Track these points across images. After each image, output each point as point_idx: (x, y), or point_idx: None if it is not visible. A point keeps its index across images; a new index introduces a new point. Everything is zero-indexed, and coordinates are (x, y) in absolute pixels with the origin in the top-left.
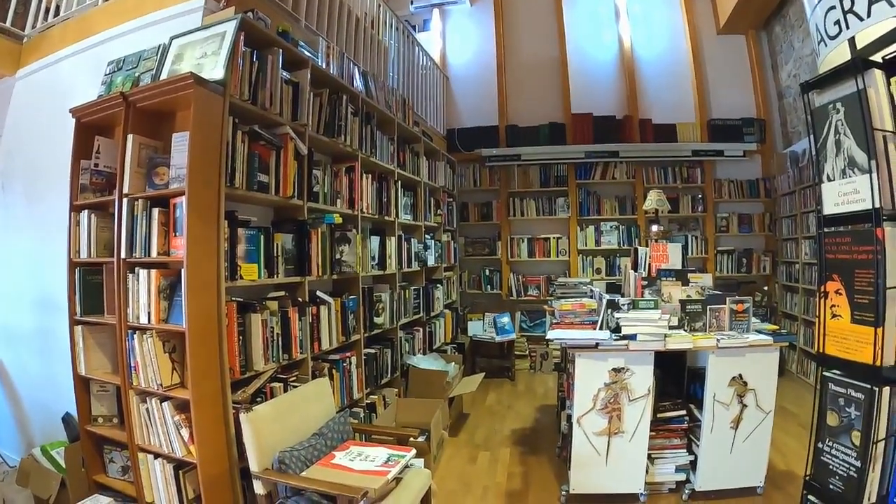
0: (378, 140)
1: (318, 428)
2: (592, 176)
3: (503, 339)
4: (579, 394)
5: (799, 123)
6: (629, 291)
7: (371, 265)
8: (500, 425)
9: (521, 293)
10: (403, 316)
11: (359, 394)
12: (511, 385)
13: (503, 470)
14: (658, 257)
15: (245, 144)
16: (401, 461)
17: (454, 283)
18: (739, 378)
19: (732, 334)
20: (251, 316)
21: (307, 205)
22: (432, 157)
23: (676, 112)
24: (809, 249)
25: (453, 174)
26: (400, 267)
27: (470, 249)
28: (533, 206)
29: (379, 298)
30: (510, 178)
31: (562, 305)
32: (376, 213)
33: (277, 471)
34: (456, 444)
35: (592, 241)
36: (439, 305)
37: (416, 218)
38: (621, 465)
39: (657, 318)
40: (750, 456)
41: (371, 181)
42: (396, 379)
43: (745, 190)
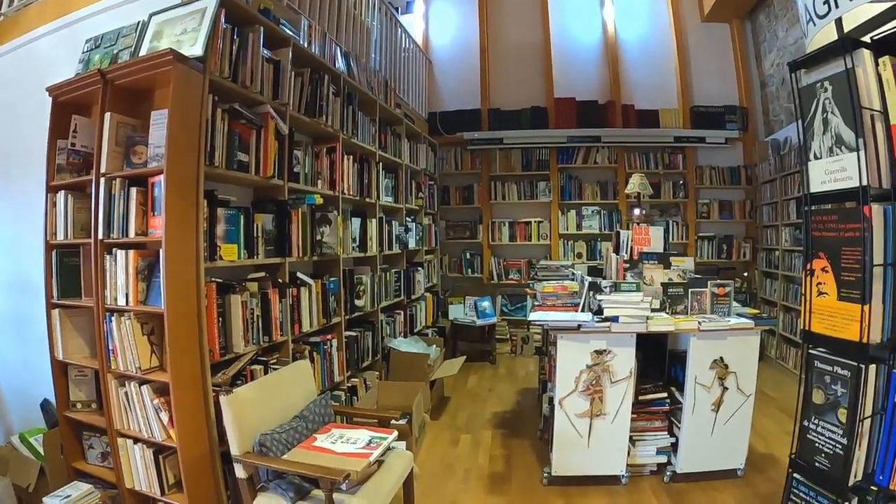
0: (359, 121)
1: (300, 411)
2: (574, 160)
3: (484, 322)
4: (561, 376)
5: (781, 112)
6: (611, 274)
7: (352, 247)
8: (481, 408)
9: (503, 277)
10: (384, 299)
11: (340, 377)
12: (492, 368)
13: (485, 453)
14: (640, 240)
15: (225, 123)
16: (382, 443)
17: (435, 266)
18: (720, 361)
19: (714, 317)
20: (231, 297)
21: (288, 185)
22: (414, 139)
23: (659, 98)
24: (790, 236)
25: (435, 157)
26: (381, 249)
27: (451, 233)
28: (514, 189)
29: (360, 281)
30: (492, 161)
31: (544, 287)
32: (357, 194)
33: (258, 454)
34: (437, 427)
35: (574, 226)
36: (420, 289)
37: (398, 200)
38: (603, 448)
39: (639, 301)
40: (731, 438)
41: (352, 162)
42: (378, 362)
43: (726, 177)
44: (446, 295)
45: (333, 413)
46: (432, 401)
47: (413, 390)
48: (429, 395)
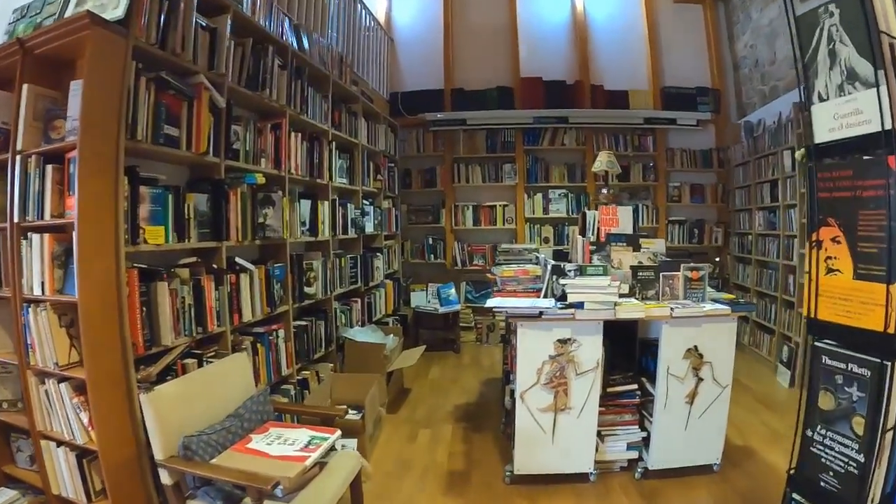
0: (310, 97)
1: (235, 408)
2: (541, 142)
3: (447, 310)
4: (522, 367)
5: (755, 94)
6: (577, 258)
7: (301, 231)
8: (442, 400)
9: (466, 263)
10: (339, 286)
11: (288, 369)
12: (456, 358)
13: (444, 449)
14: (608, 221)
15: (151, 93)
16: (322, 445)
17: (396, 252)
18: (695, 350)
19: (687, 303)
20: (157, 284)
21: (225, 163)
22: (372, 119)
23: (629, 79)
24: (763, 220)
25: (395, 138)
26: (334, 233)
27: (413, 217)
28: (479, 172)
29: (310, 267)
30: (455, 143)
31: (503, 272)
32: (307, 174)
33: (183, 458)
34: (395, 422)
35: (540, 209)
36: (379, 275)
37: (353, 182)
38: (569, 444)
39: (606, 286)
40: (706, 433)
41: (301, 140)
42: (332, 353)
43: (697, 159)
44: (408, 282)
45: (273, 410)
46: (390, 393)
47: (368, 383)
48: (385, 387)
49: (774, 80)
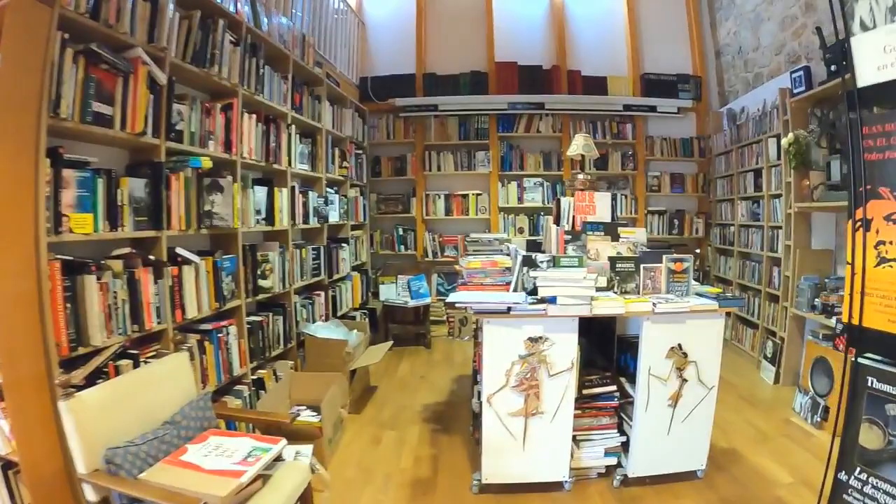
0: (266, 77)
1: (171, 415)
2: (516, 129)
3: (418, 303)
4: (489, 368)
5: (737, 82)
6: (550, 248)
7: (255, 219)
8: (410, 399)
9: (438, 254)
10: (299, 278)
11: (242, 369)
12: (427, 353)
13: (410, 453)
14: (584, 208)
15: (79, 67)
16: (263, 456)
17: (364, 242)
18: (678, 349)
19: (670, 297)
20: (84, 278)
21: (166, 145)
22: (338, 103)
23: (608, 64)
24: (746, 211)
25: (364, 124)
26: (293, 222)
27: (382, 207)
28: (451, 160)
29: (265, 258)
30: (426, 130)
31: (469, 263)
32: (262, 159)
33: (107, 472)
34: (359, 423)
35: (515, 199)
36: (345, 267)
37: (315, 169)
38: (541, 451)
39: (581, 278)
40: (690, 437)
41: (255, 122)
42: (292, 350)
43: (678, 148)
44: (377, 274)
45: (215, 416)
46: (355, 392)
47: (327, 382)
48: (347, 386)
49: (758, 66)
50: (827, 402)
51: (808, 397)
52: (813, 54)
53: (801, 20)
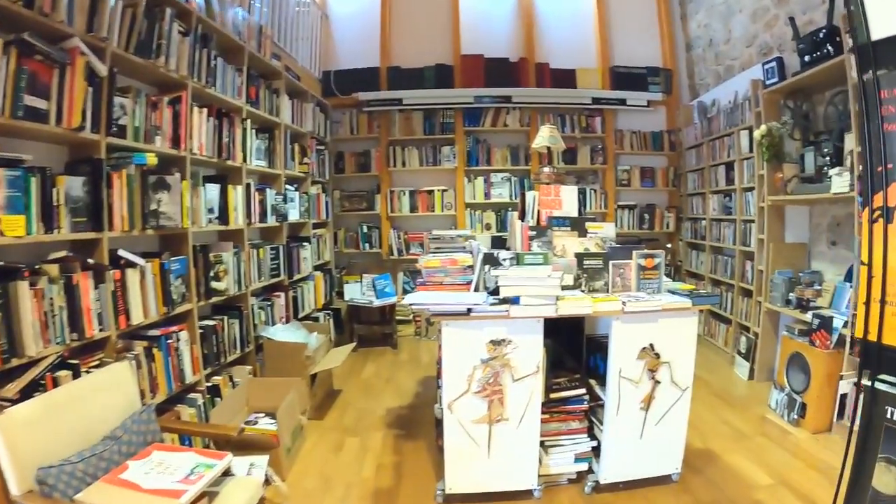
0: (219, 69)
1: (112, 430)
2: (482, 123)
3: (383, 302)
4: (449, 373)
5: (708, 75)
6: (515, 245)
7: (207, 218)
8: (374, 403)
9: (403, 251)
10: (257, 279)
11: (195, 376)
12: (393, 354)
13: (372, 461)
14: (549, 203)
15: (10, 58)
16: (207, 473)
17: (327, 241)
18: (650, 349)
19: (641, 296)
20: (17, 284)
21: (107, 140)
22: (298, 97)
23: (577, 57)
24: (718, 205)
25: (326, 119)
26: (249, 221)
27: (346, 204)
28: (416, 155)
29: (219, 259)
30: (391, 124)
31: (427, 261)
32: (214, 155)
33: (41, 494)
34: (320, 430)
35: (481, 194)
36: (307, 267)
37: (273, 165)
38: (507, 458)
39: (546, 276)
40: (664, 441)
41: (206, 117)
42: (250, 355)
43: (648, 142)
44: (341, 273)
45: (160, 430)
46: (317, 396)
47: (285, 388)
48: (307, 391)
49: (729, 59)
50: (804, 399)
51: (783, 394)
52: (785, 46)
53: (773, 11)
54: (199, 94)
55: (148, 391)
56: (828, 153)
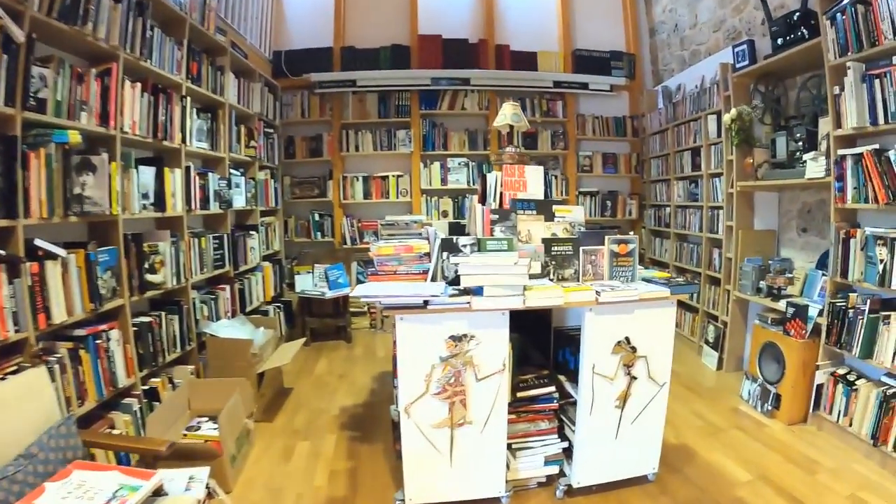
0: (156, 41)
1: (26, 447)
2: (439, 106)
3: (336, 293)
4: (405, 374)
5: (672, 60)
6: (475, 230)
7: (141, 204)
8: (328, 402)
9: (357, 240)
10: (198, 271)
11: (129, 379)
12: (347, 348)
13: (325, 468)
14: (513, 184)
15: None
16: (130, 497)
17: (276, 230)
18: (626, 342)
19: (616, 285)
20: None
21: (22, 115)
22: (246, 76)
23: (538, 39)
24: (683, 191)
25: (275, 101)
26: (189, 208)
27: (297, 191)
28: (370, 139)
29: (154, 249)
30: (344, 107)
31: (379, 249)
32: (149, 134)
33: None
34: (269, 434)
35: (438, 180)
36: (254, 257)
37: (217, 147)
38: (472, 464)
39: (513, 264)
40: (640, 440)
41: (140, 92)
42: (192, 353)
43: (610, 127)
44: (292, 263)
45: (82, 445)
46: (265, 397)
47: (229, 389)
48: (253, 392)
49: (695, 44)
50: (778, 390)
51: (756, 385)
52: (755, 30)
53: None
54: (132, 68)
55: (74, 398)
56: (801, 138)
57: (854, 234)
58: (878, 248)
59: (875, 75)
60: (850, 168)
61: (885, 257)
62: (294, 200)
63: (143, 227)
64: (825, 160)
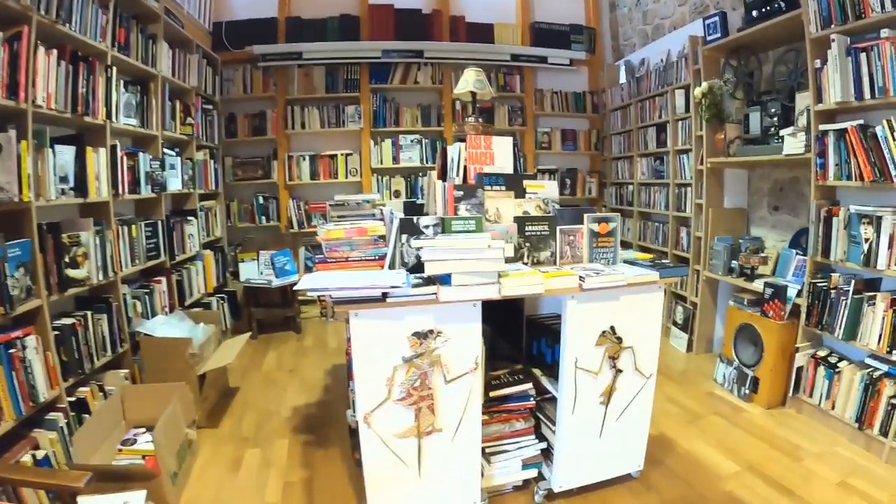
0: (77, 3)
1: None
2: (391, 80)
3: (283, 282)
4: (363, 378)
5: (634, 35)
6: (436, 209)
7: (59, 189)
8: (277, 402)
9: (304, 224)
10: (129, 263)
11: (52, 391)
12: (297, 340)
13: (277, 479)
14: (478, 156)
15: None
16: None
17: (218, 214)
18: (611, 332)
19: (600, 268)
20: None
21: None
22: (181, 47)
23: (495, 11)
24: (647, 168)
25: (215, 75)
26: (116, 192)
27: (239, 172)
28: (317, 116)
29: (75, 240)
30: (289, 82)
31: (328, 232)
32: (67, 109)
33: None
34: (215, 441)
35: (389, 158)
36: (194, 245)
37: (148, 125)
38: (443, 475)
39: (485, 247)
40: (626, 437)
41: (57, 60)
42: (126, 356)
43: (570, 103)
44: (236, 251)
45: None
46: (209, 400)
47: (166, 396)
48: (192, 396)
49: (659, 18)
50: (756, 373)
51: (732, 368)
52: (723, 3)
53: None
54: (46, 32)
55: None
56: (775, 113)
57: (836, 212)
58: (864, 227)
59: (861, 49)
60: (832, 144)
61: (871, 236)
62: (236, 182)
63: (63, 216)
64: (805, 136)
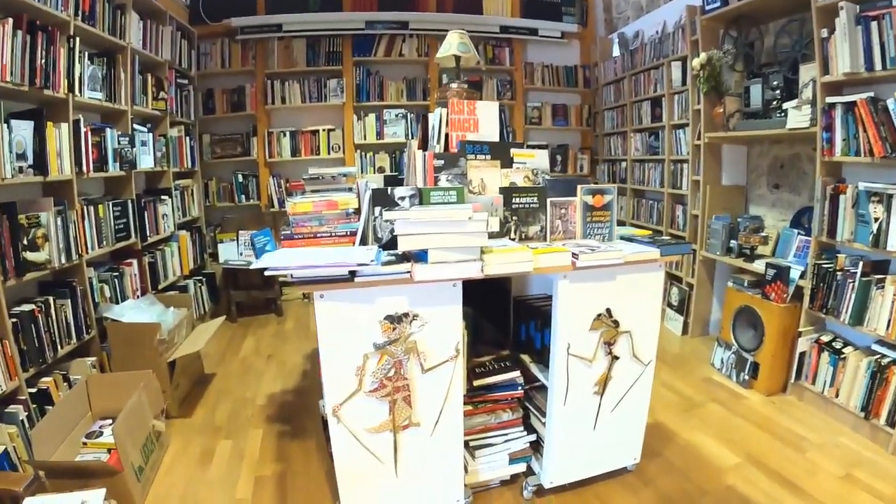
0: None
1: None
2: (374, 52)
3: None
4: (331, 368)
5: (627, 7)
6: (415, 180)
7: (17, 167)
8: (253, 390)
9: (285, 202)
10: (96, 245)
11: (12, 382)
12: (277, 323)
13: (249, 473)
14: (461, 123)
15: None
16: None
17: (194, 193)
18: (607, 315)
19: (594, 245)
20: None
21: None
22: (153, 18)
23: None
24: (641, 144)
25: (191, 49)
26: (80, 170)
27: (217, 149)
28: (298, 90)
29: (35, 221)
30: (269, 55)
31: (295, 205)
32: (24, 82)
33: None
34: (187, 431)
35: (373, 134)
36: (168, 225)
37: (116, 99)
38: (423, 473)
39: (466, 219)
40: (622, 429)
41: (14, 30)
42: (93, 343)
43: (561, 77)
44: (214, 231)
45: None
46: (181, 388)
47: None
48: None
49: None
50: (755, 358)
51: (730, 352)
52: None
53: None
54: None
55: None
56: (778, 86)
57: (843, 189)
58: (873, 206)
59: (872, 17)
60: (839, 118)
61: (881, 216)
62: (214, 160)
63: (21, 195)
64: (810, 109)
